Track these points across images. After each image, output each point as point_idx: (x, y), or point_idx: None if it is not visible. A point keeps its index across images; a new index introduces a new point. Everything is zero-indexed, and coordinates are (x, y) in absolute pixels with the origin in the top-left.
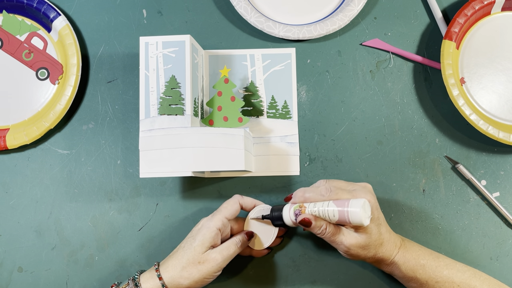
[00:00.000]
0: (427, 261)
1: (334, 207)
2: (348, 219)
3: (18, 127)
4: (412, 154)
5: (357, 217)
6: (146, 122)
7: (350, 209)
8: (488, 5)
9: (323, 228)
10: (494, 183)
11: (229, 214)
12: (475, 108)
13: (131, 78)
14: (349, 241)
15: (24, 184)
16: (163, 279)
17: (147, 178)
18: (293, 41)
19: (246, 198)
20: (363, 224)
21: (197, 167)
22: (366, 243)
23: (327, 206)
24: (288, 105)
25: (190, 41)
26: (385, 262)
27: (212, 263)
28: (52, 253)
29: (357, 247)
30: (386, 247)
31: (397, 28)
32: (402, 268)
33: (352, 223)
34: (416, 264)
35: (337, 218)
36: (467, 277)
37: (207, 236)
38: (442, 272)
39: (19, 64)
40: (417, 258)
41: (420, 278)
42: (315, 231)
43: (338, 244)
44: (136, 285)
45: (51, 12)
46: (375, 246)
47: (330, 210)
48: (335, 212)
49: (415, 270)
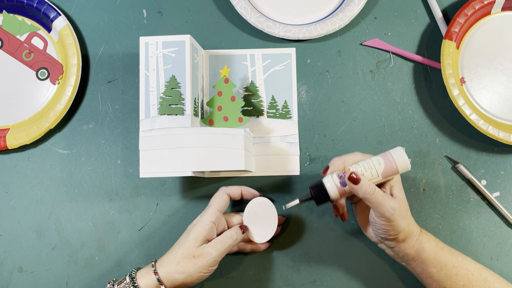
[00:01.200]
0: (444, 245)
1: (378, 157)
2: (394, 164)
3: (18, 127)
4: (412, 154)
5: (403, 159)
6: (146, 122)
7: (395, 155)
8: (488, 5)
9: (372, 186)
10: (494, 183)
11: (220, 206)
12: (475, 108)
13: (131, 78)
14: (394, 203)
15: (24, 184)
16: (159, 274)
17: (147, 178)
18: (293, 41)
19: (231, 187)
20: (408, 167)
21: (197, 167)
22: (404, 208)
23: (371, 159)
24: (288, 105)
25: (190, 41)
26: (413, 237)
27: (207, 257)
28: (52, 253)
29: (399, 212)
30: (413, 222)
31: (397, 28)
32: (426, 247)
33: (398, 167)
34: (436, 246)
35: (383, 166)
36: (479, 268)
37: (201, 229)
38: (458, 258)
39: (19, 64)
40: (437, 241)
41: (440, 261)
42: (364, 189)
43: (385, 205)
44: (132, 280)
45: (51, 12)
46: (408, 217)
47: (375, 160)
48: (380, 160)
49: (436, 251)
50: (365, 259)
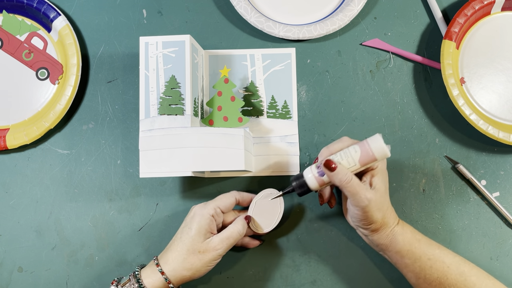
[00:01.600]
0: (422, 237)
1: (355, 146)
2: (371, 151)
3: (18, 127)
4: (412, 154)
5: (380, 146)
6: (146, 122)
7: (371, 143)
8: (488, 5)
9: (348, 174)
10: (494, 183)
11: (223, 206)
12: (475, 108)
13: (131, 78)
14: (370, 193)
15: (24, 184)
16: (165, 273)
17: (147, 178)
18: (293, 41)
19: (244, 193)
20: (386, 153)
21: (197, 167)
22: (381, 200)
23: (348, 148)
24: (288, 105)
25: (190, 41)
26: (387, 229)
27: (213, 252)
28: (52, 253)
29: (375, 203)
30: (390, 213)
31: (397, 28)
32: (400, 239)
33: (375, 155)
34: (412, 238)
35: (359, 154)
36: (456, 261)
37: (203, 223)
38: (434, 250)
39: (19, 64)
40: (413, 232)
41: (415, 252)
42: (340, 177)
43: (360, 195)
44: (138, 281)
45: (51, 12)
46: (384, 209)
47: (351, 149)
48: (356, 148)
49: (411, 243)
50: (365, 259)
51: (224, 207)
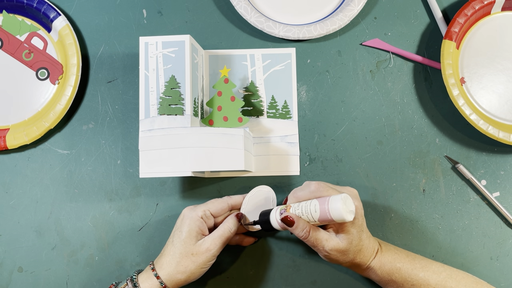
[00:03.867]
0: (403, 264)
1: (316, 203)
2: (329, 214)
3: (18, 127)
4: (412, 154)
5: (337, 211)
6: (146, 122)
7: (331, 205)
8: (488, 5)
9: (305, 230)
10: (494, 183)
11: (214, 209)
12: (475, 108)
13: (131, 78)
14: (330, 245)
15: (24, 184)
16: (161, 278)
17: (147, 178)
18: (293, 41)
19: (234, 197)
20: (344, 219)
21: (197, 167)
22: (347, 248)
23: (310, 203)
24: (288, 105)
25: (190, 41)
26: (361, 267)
27: (207, 253)
28: (52, 253)
29: (337, 252)
30: (364, 253)
31: (397, 28)
32: (378, 272)
33: (333, 218)
34: (392, 268)
35: (319, 214)
36: (442, 278)
37: (193, 226)
38: (418, 275)
39: (19, 64)
40: (393, 261)
41: (396, 281)
42: (297, 232)
43: (319, 248)
44: (135, 285)
45: (51, 12)
46: (354, 252)
47: (312, 208)
48: (317, 207)
49: (391, 273)
50: None
51: (215, 211)
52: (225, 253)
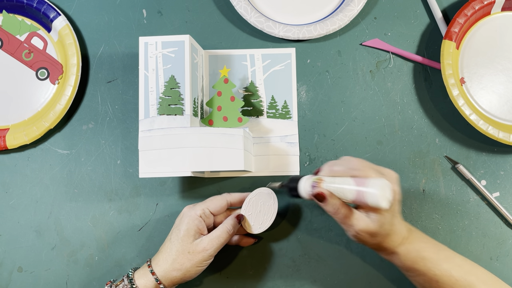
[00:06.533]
0: (428, 254)
1: (353, 185)
2: (365, 198)
3: (18, 127)
4: (412, 154)
5: (374, 197)
6: (145, 122)
7: (368, 190)
8: (488, 5)
9: (336, 207)
10: (494, 183)
11: (213, 207)
12: (475, 108)
13: (131, 78)
14: (360, 226)
15: (24, 184)
16: (156, 274)
17: (147, 178)
18: (293, 41)
19: (233, 194)
20: (381, 206)
21: (196, 167)
22: (377, 231)
23: (346, 183)
24: (288, 105)
25: (190, 41)
26: (387, 251)
27: (203, 253)
28: (52, 253)
29: (367, 233)
30: (392, 238)
31: (397, 28)
32: (402, 259)
33: (368, 203)
34: (417, 256)
35: (354, 195)
36: (465, 271)
37: (191, 224)
38: (441, 265)
39: (19, 64)
40: (420, 250)
41: (419, 270)
42: (328, 209)
43: (348, 227)
44: (130, 281)
45: (51, 12)
46: (383, 236)
47: (347, 188)
48: (352, 191)
49: (415, 262)
50: (365, 259)
51: (214, 209)
52: (225, 253)
